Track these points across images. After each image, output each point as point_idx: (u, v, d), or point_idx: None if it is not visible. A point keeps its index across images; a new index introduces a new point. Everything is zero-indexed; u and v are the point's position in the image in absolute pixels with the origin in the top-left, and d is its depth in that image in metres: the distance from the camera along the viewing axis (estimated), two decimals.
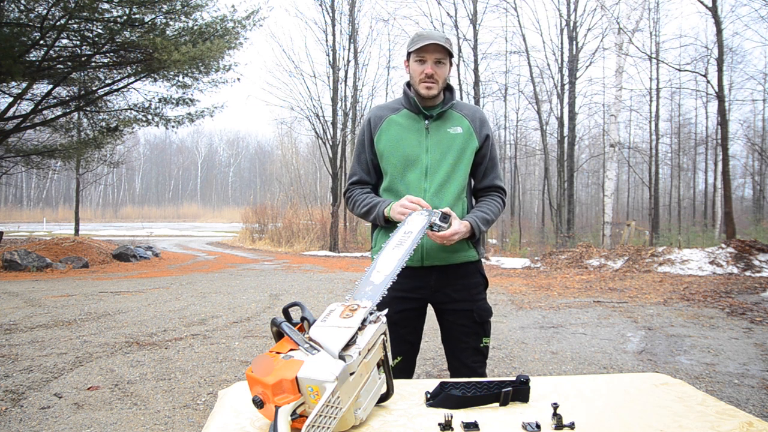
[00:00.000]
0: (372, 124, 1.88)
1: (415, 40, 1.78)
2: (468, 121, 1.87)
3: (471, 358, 1.84)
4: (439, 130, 1.83)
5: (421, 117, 1.85)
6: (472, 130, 1.86)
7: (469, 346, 1.84)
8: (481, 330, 1.85)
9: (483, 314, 1.85)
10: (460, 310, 1.84)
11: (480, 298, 1.87)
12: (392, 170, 1.84)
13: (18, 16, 10.83)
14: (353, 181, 1.94)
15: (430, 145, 1.82)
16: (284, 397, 0.95)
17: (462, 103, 1.93)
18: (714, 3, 11.66)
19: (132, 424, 2.85)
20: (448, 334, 1.89)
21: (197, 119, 14.52)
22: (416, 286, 1.83)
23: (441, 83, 1.80)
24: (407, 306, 1.83)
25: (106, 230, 31.57)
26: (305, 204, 22.97)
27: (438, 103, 1.86)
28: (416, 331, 1.89)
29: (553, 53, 19.32)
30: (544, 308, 6.44)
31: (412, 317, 1.86)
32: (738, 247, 9.88)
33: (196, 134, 73.50)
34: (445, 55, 1.78)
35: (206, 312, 6.15)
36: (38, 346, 4.47)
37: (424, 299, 1.87)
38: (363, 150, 1.91)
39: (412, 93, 1.84)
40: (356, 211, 1.90)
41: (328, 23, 17.98)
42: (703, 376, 3.74)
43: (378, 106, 1.95)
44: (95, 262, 12.13)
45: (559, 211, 17.56)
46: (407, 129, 1.84)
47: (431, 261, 1.81)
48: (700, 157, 26.08)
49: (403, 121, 1.85)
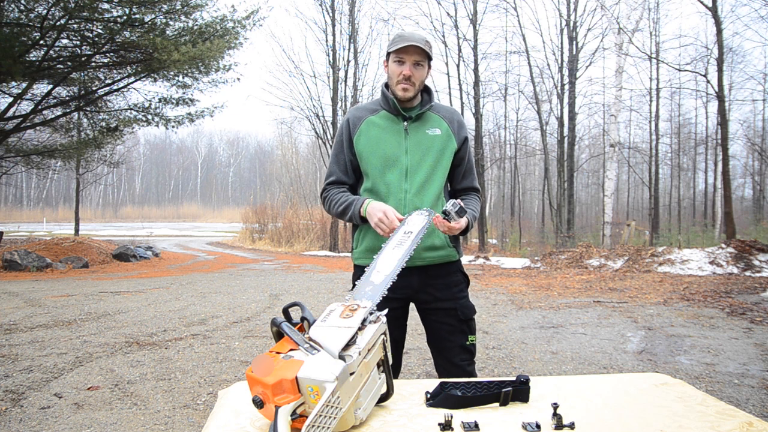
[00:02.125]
0: (351, 124, 1.88)
1: (395, 41, 1.78)
2: (446, 123, 1.88)
3: (458, 357, 1.84)
4: (418, 132, 1.84)
5: (399, 118, 1.85)
6: (451, 132, 1.87)
7: (455, 344, 1.84)
8: (466, 327, 1.86)
9: (466, 312, 1.86)
10: (443, 308, 1.85)
11: (462, 296, 1.88)
12: (372, 171, 1.84)
13: (18, 16, 10.82)
14: (330, 181, 1.93)
15: (410, 146, 1.82)
16: (284, 397, 0.95)
17: (440, 105, 1.94)
18: (714, 3, 11.66)
19: (132, 424, 2.85)
20: (433, 334, 1.90)
21: (197, 119, 14.53)
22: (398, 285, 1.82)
23: (418, 85, 1.81)
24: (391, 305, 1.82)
25: (106, 230, 31.57)
26: (305, 204, 22.98)
27: (416, 105, 1.87)
28: (400, 328, 1.91)
29: (553, 53, 19.34)
30: (544, 308, 6.44)
31: (396, 316, 1.86)
32: (738, 247, 9.88)
33: (196, 134, 73.66)
34: (424, 58, 1.78)
35: (206, 312, 6.15)
36: (38, 346, 4.47)
37: (407, 298, 1.88)
38: (341, 150, 1.91)
39: (390, 94, 1.84)
40: (332, 210, 1.89)
41: (328, 23, 18.00)
42: (703, 376, 3.74)
43: (356, 106, 1.95)
44: (95, 262, 12.13)
45: (559, 211, 17.56)
46: (386, 130, 1.84)
47: (412, 261, 1.79)
48: (700, 157, 26.07)
49: (381, 122, 1.86)
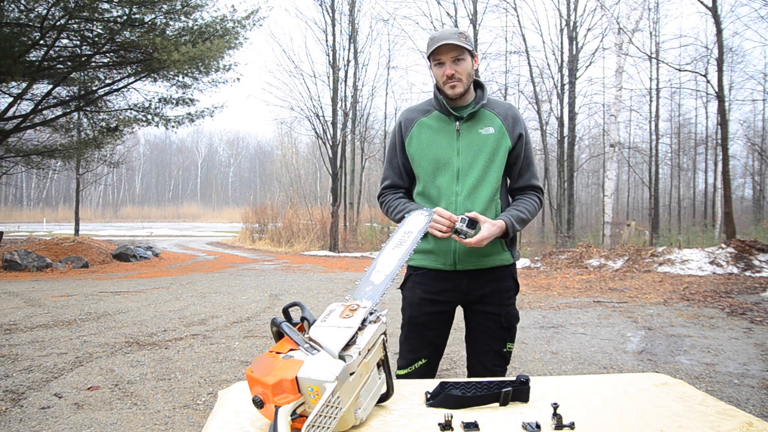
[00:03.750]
0: (403, 127, 1.85)
1: (428, 45, 1.73)
2: (500, 119, 1.79)
3: (492, 362, 1.81)
4: (471, 132, 1.77)
5: (451, 119, 1.79)
6: (505, 130, 1.78)
7: (492, 349, 1.81)
8: (507, 335, 1.82)
9: (511, 319, 1.82)
10: (488, 312, 1.81)
11: (509, 303, 1.84)
12: (423, 174, 1.80)
13: (18, 16, 10.83)
14: (386, 185, 1.92)
15: (462, 148, 1.76)
16: (284, 397, 0.95)
17: (495, 100, 1.85)
18: (714, 3, 11.66)
19: (132, 424, 2.85)
20: (472, 334, 1.86)
21: (197, 119, 14.53)
22: (447, 288, 1.81)
23: (465, 80, 1.73)
24: (436, 309, 1.81)
25: (106, 230, 31.56)
26: (305, 204, 22.98)
27: (469, 103, 1.80)
28: (443, 334, 1.86)
29: (553, 53, 19.31)
30: (544, 308, 6.43)
31: (440, 320, 1.83)
32: (738, 247, 9.88)
33: (196, 134, 73.61)
34: (461, 52, 1.70)
35: (206, 312, 6.15)
36: (38, 346, 4.47)
37: (454, 302, 1.83)
38: (395, 154, 1.88)
39: (441, 95, 1.79)
40: (390, 216, 1.87)
41: (328, 23, 18.01)
42: (703, 376, 3.74)
43: (409, 108, 1.90)
44: (95, 262, 12.13)
45: (559, 211, 17.56)
46: (438, 131, 1.79)
47: (464, 265, 1.77)
48: (700, 157, 26.07)
49: (433, 123, 1.81)
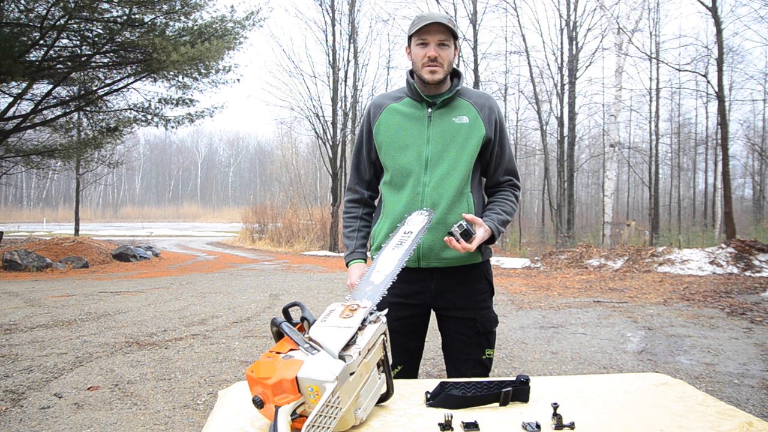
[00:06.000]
0: (371, 113, 1.75)
1: (415, 22, 1.63)
2: (476, 109, 1.70)
3: (472, 371, 1.69)
4: (443, 120, 1.68)
5: (424, 105, 1.69)
6: (480, 120, 1.69)
7: (470, 357, 1.70)
8: (485, 341, 1.71)
9: (487, 324, 1.71)
10: (462, 318, 1.70)
11: (484, 306, 1.72)
12: (391, 163, 1.71)
13: (18, 16, 10.83)
14: (348, 199, 1.87)
15: (432, 136, 1.67)
16: (284, 397, 0.95)
17: (471, 89, 1.75)
18: (714, 3, 11.66)
19: (132, 424, 2.85)
20: (448, 344, 1.76)
21: (197, 119, 14.54)
22: (415, 290, 1.70)
23: (446, 67, 1.63)
24: (406, 313, 1.71)
25: (106, 230, 31.56)
26: (305, 204, 22.95)
27: (444, 91, 1.70)
28: (417, 338, 1.77)
29: (553, 53, 19.31)
30: (544, 308, 6.43)
31: (413, 324, 1.73)
32: (738, 247, 9.88)
33: (196, 134, 73.60)
34: (449, 36, 1.61)
35: (206, 312, 6.15)
36: (38, 346, 4.47)
37: (425, 305, 1.73)
38: (361, 146, 1.80)
39: (414, 80, 1.70)
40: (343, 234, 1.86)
41: (327, 23, 18.00)
42: (703, 376, 3.74)
43: (380, 94, 1.80)
44: (95, 262, 12.13)
45: (559, 211, 17.56)
46: (408, 117, 1.70)
47: (428, 262, 1.67)
48: (700, 157, 26.08)
49: (404, 109, 1.71)
